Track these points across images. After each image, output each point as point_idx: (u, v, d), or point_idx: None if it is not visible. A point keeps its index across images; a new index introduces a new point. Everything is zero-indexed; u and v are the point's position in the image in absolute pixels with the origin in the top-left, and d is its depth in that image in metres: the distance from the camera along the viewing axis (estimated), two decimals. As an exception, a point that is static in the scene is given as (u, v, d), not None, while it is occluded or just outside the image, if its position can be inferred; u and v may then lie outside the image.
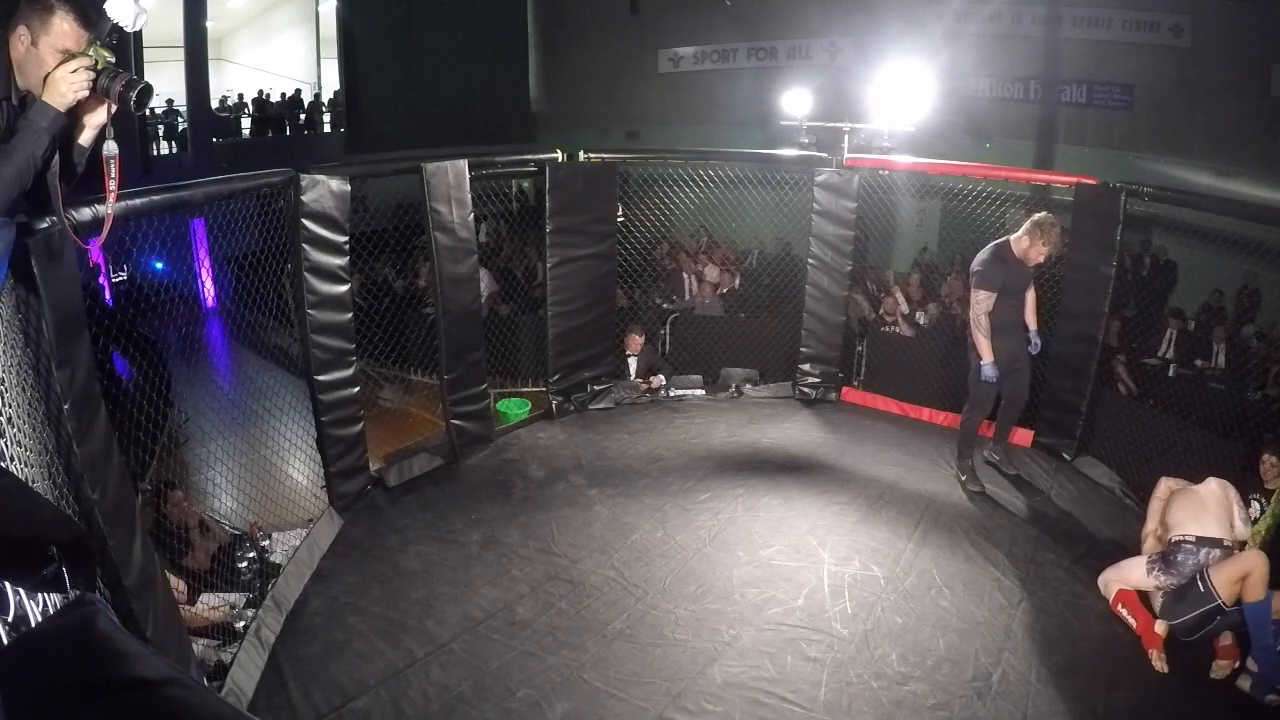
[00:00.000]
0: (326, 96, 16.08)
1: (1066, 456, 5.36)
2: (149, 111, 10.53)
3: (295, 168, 4.08)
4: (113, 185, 2.06)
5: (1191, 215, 6.45)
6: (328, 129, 15.60)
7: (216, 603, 3.62)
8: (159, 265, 8.78)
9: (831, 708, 3.16)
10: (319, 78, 16.56)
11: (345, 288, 4.37)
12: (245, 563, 3.87)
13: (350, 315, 4.43)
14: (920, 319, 7.50)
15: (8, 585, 1.62)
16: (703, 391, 6.51)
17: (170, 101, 13.34)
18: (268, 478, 4.29)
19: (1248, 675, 3.31)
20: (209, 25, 12.95)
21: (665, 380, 6.48)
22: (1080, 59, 10.57)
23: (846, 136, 5.97)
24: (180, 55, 12.20)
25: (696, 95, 13.73)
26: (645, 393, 6.35)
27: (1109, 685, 3.32)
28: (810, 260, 6.16)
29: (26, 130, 1.91)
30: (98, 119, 2.05)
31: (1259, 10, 9.09)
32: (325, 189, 4.17)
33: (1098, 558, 4.13)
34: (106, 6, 1.97)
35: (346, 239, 4.32)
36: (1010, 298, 4.65)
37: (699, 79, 13.79)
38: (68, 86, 1.92)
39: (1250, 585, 3.34)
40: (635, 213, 6.68)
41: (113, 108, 2.02)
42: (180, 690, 1.01)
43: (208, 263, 9.65)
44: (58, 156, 2.04)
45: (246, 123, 15.05)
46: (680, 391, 6.47)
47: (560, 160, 5.64)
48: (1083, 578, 4.02)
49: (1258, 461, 4.30)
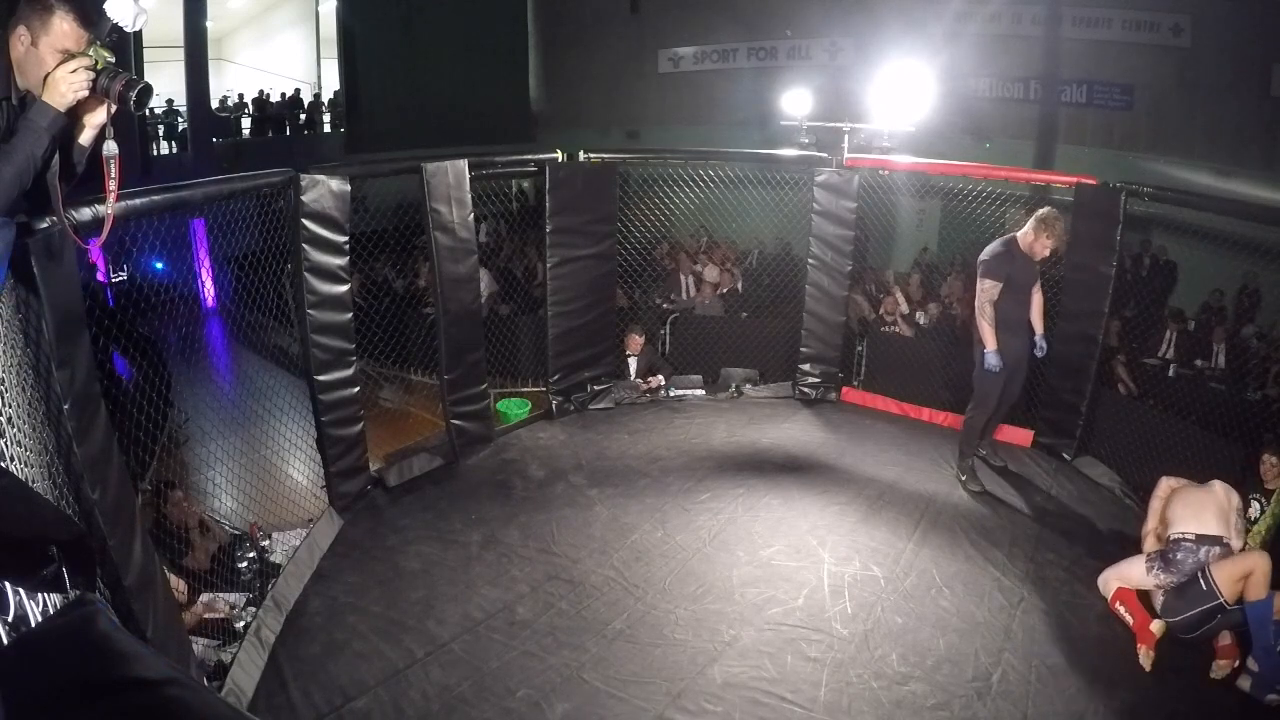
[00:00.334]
0: (326, 96, 16.07)
1: (1066, 456, 5.36)
2: (149, 111, 10.52)
3: (295, 168, 4.08)
4: (113, 185, 2.05)
5: (1191, 215, 6.45)
6: (328, 129, 15.59)
7: (216, 603, 3.62)
8: (159, 265, 8.77)
9: (831, 708, 3.16)
10: (319, 78, 16.56)
11: (345, 288, 4.37)
12: (245, 563, 3.87)
13: (350, 315, 4.43)
14: (920, 319, 7.50)
15: (8, 585, 1.62)
16: (703, 391, 6.51)
17: (170, 101, 13.33)
18: (268, 478, 4.29)
19: (1248, 675, 3.31)
20: (209, 25, 12.94)
21: (665, 380, 6.49)
22: (1080, 59, 10.56)
23: (846, 136, 5.97)
24: (180, 55, 12.19)
25: (696, 95, 13.72)
26: (645, 393, 6.35)
27: (1109, 685, 3.32)
28: (810, 260, 6.16)
29: (26, 130, 1.91)
30: (98, 119, 2.05)
31: (1259, 10, 9.08)
32: (325, 189, 4.17)
33: (1098, 558, 4.13)
34: (106, 6, 1.97)
35: (346, 239, 4.33)
36: (1015, 293, 4.67)
37: (699, 79, 13.78)
38: (68, 86, 1.92)
39: (1253, 584, 3.35)
40: (635, 213, 6.68)
41: (113, 108, 2.02)
42: (180, 690, 1.01)
43: (208, 263, 9.64)
44: (58, 156, 2.04)
45: (246, 123, 15.05)
46: (680, 391, 6.47)
47: (560, 160, 5.64)
48: (1083, 578, 4.02)
49: (1258, 461, 4.30)
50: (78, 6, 1.92)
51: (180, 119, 13.48)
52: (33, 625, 1.63)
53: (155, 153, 13.14)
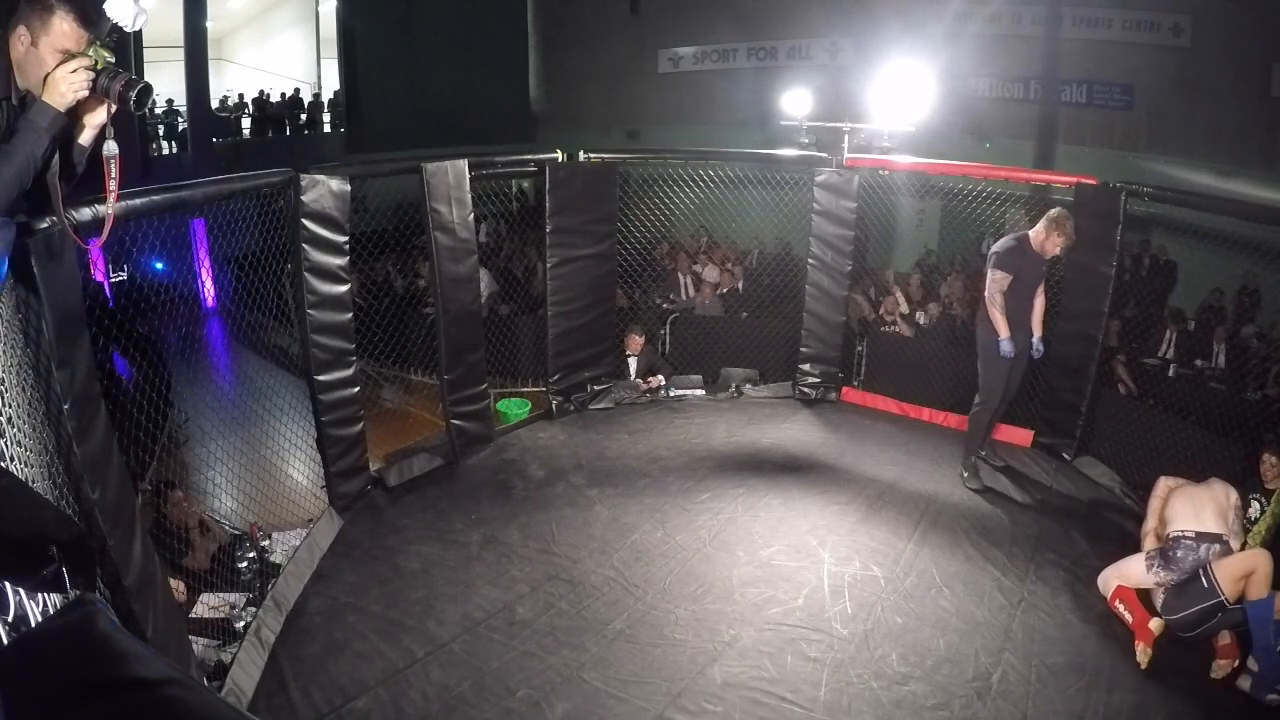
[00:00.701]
0: (326, 96, 16.07)
1: (1066, 456, 5.36)
2: (149, 111, 10.53)
3: (295, 168, 4.08)
4: (113, 185, 2.06)
5: (1191, 215, 6.44)
6: (328, 129, 15.58)
7: (216, 603, 3.62)
8: (159, 265, 8.77)
9: (831, 708, 3.16)
10: (319, 78, 16.54)
11: (345, 288, 4.38)
12: (245, 563, 3.87)
13: (350, 315, 4.44)
14: (920, 319, 7.50)
15: (8, 585, 1.62)
16: (703, 391, 6.51)
17: (170, 101, 13.33)
18: (268, 478, 4.29)
19: (1248, 675, 3.31)
20: (209, 25, 12.92)
21: (665, 380, 6.49)
22: (1080, 59, 10.55)
23: (846, 136, 5.98)
24: (180, 55, 12.18)
25: (696, 95, 13.72)
26: (645, 393, 6.35)
27: (1109, 685, 3.32)
28: (810, 260, 6.16)
29: (26, 130, 1.91)
30: (98, 119, 2.05)
31: (1259, 10, 9.07)
32: (325, 189, 4.17)
33: (1098, 558, 4.13)
34: (106, 6, 1.96)
35: (346, 239, 4.33)
36: (1020, 290, 4.71)
37: (699, 79, 13.77)
38: (68, 86, 1.92)
39: (1254, 583, 3.35)
40: (635, 213, 6.68)
41: (113, 108, 2.02)
42: (180, 690, 1.01)
43: (208, 263, 9.64)
44: (58, 156, 2.04)
45: (246, 123, 15.04)
46: (680, 391, 6.47)
47: (560, 160, 5.65)
48: (1083, 578, 4.02)
49: (1258, 461, 4.30)
50: (78, 6, 1.92)
51: (180, 119, 13.47)
52: (33, 625, 1.63)
53: (155, 153, 13.13)
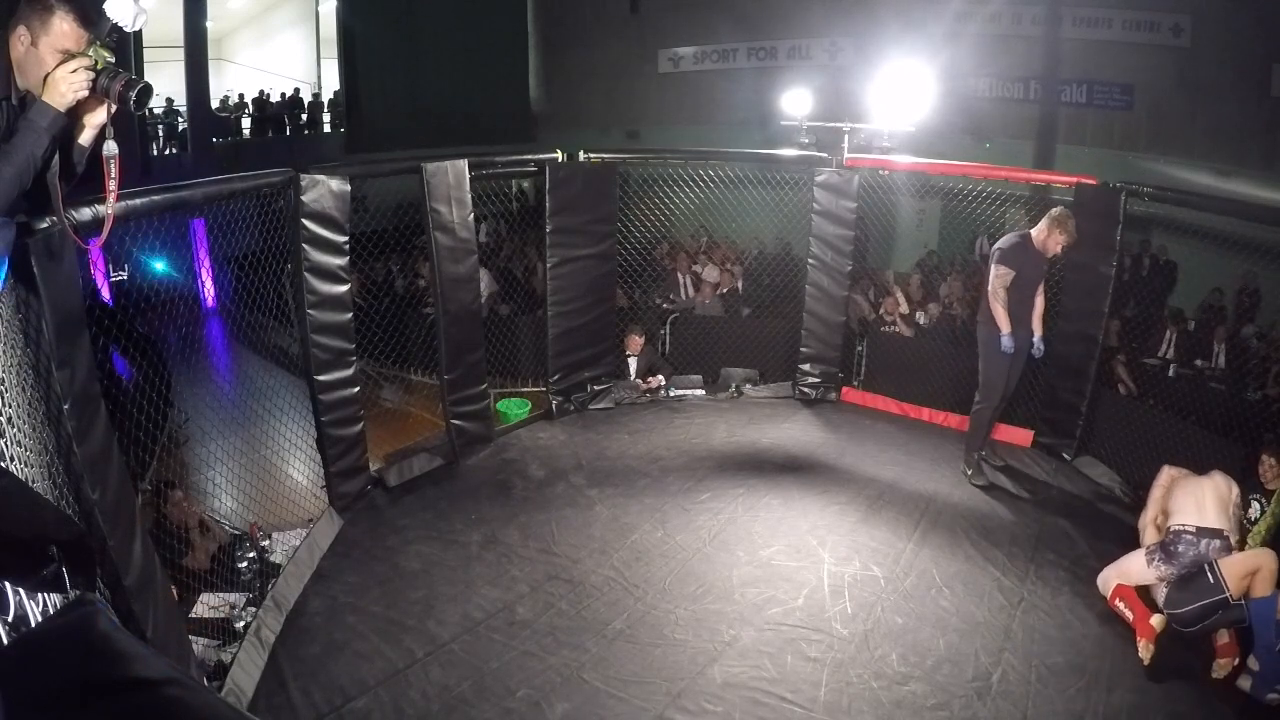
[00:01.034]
0: (326, 96, 16.06)
1: (1066, 456, 5.36)
2: (149, 111, 10.52)
3: (295, 168, 4.08)
4: (113, 185, 2.06)
5: (1191, 215, 6.44)
6: (328, 129, 15.58)
7: (216, 603, 3.62)
8: (159, 265, 8.77)
9: (831, 708, 3.16)
10: (319, 78, 16.54)
11: (345, 288, 4.38)
12: (245, 563, 3.87)
13: (350, 315, 4.44)
14: (920, 319, 7.50)
15: (8, 585, 1.62)
16: (703, 391, 6.51)
17: (170, 101, 13.32)
18: (268, 478, 4.29)
19: (1248, 674, 3.31)
20: (209, 25, 12.92)
21: (665, 380, 6.49)
22: (1080, 59, 10.55)
23: (846, 136, 5.98)
24: (180, 55, 12.17)
25: (696, 95, 13.71)
26: (645, 393, 6.35)
27: (1109, 685, 3.32)
28: (810, 260, 6.16)
29: (26, 130, 1.91)
30: (98, 119, 2.05)
31: (1259, 10, 9.07)
32: (325, 189, 4.17)
33: (1098, 557, 4.13)
34: (106, 6, 1.97)
35: (346, 239, 4.33)
36: (1021, 288, 4.73)
37: (699, 79, 13.77)
38: (67, 86, 1.92)
39: (1259, 581, 3.35)
40: (635, 213, 6.68)
41: (113, 108, 2.02)
42: (180, 690, 1.01)
43: (208, 263, 9.64)
44: (58, 156, 2.04)
45: (246, 123, 15.03)
46: (680, 391, 6.47)
47: (560, 160, 5.65)
48: (1083, 577, 4.02)
49: (1257, 461, 4.30)
50: (78, 6, 1.92)
51: (180, 119, 13.47)
52: (33, 625, 1.63)
53: (155, 153, 13.12)
